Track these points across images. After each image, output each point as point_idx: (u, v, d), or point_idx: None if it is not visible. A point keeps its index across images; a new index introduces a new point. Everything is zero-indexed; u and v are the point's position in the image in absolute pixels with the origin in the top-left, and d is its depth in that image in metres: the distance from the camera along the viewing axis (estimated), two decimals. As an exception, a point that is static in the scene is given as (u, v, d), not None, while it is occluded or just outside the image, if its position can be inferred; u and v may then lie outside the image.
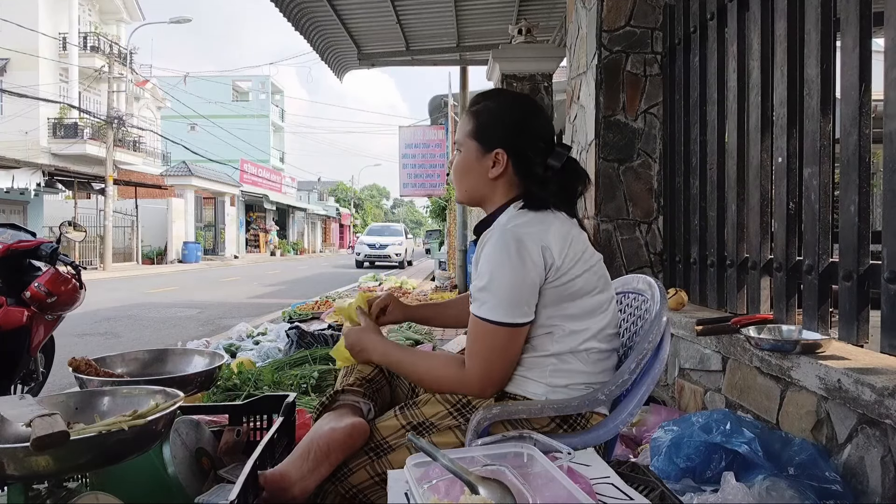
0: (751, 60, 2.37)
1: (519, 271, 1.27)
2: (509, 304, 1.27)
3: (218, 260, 25.11)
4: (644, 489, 1.11)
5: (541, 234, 1.30)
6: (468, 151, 1.44)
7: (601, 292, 1.37)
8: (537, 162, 1.41)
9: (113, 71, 20.00)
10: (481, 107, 1.45)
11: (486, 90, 1.52)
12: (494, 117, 1.43)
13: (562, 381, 1.34)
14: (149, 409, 1.29)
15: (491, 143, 1.41)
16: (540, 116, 1.45)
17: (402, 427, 1.35)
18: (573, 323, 1.33)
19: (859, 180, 1.76)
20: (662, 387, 2.71)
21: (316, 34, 7.32)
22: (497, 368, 1.32)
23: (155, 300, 10.04)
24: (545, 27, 7.18)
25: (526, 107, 1.46)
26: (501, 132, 1.41)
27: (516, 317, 1.28)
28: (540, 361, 1.34)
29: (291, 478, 1.29)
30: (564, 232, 1.34)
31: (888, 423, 1.40)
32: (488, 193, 1.44)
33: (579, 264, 1.32)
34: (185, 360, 2.01)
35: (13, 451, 1.10)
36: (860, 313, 1.78)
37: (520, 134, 1.41)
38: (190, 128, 36.59)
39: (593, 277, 1.35)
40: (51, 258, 3.08)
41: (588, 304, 1.34)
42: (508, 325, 1.28)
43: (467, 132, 1.45)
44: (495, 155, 1.40)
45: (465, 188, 1.47)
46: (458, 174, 1.47)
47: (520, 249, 1.28)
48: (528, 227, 1.32)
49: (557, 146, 1.43)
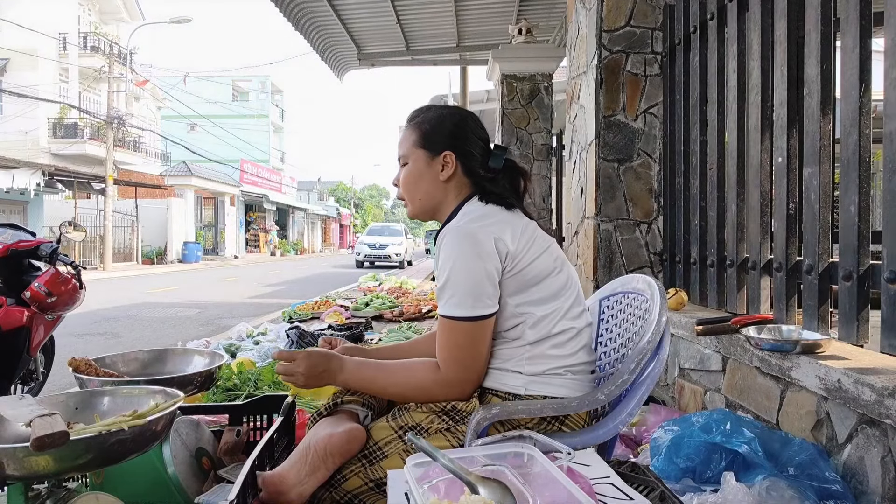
0: (751, 60, 2.37)
1: (475, 264, 1.31)
2: (471, 297, 1.30)
3: (218, 260, 25.11)
4: (644, 489, 1.11)
5: (491, 226, 1.35)
6: (416, 161, 1.49)
7: (560, 272, 1.41)
8: (480, 162, 1.49)
9: (113, 71, 19.99)
10: (422, 118, 1.53)
11: (422, 105, 1.61)
12: (436, 124, 1.50)
13: (539, 368, 1.36)
14: (149, 409, 1.29)
15: (438, 147, 1.47)
16: (477, 121, 1.55)
17: (394, 433, 1.35)
18: (541, 307, 1.36)
19: (859, 180, 1.76)
20: (662, 387, 2.71)
21: (316, 34, 7.33)
22: (471, 364, 1.35)
23: (155, 300, 10.04)
24: (545, 27, 7.18)
25: (462, 113, 1.56)
26: (446, 136, 1.49)
27: (479, 309, 1.31)
28: (515, 352, 1.37)
29: (289, 481, 1.29)
30: (513, 221, 1.39)
31: (888, 423, 1.40)
32: (442, 198, 1.49)
33: (534, 248, 1.37)
34: (185, 360, 2.01)
35: (13, 451, 1.10)
36: (860, 313, 1.78)
37: (462, 136, 1.49)
38: (190, 128, 36.56)
39: (550, 259, 1.39)
40: (51, 258, 3.08)
41: (551, 285, 1.38)
42: (473, 319, 1.31)
43: (412, 143, 1.51)
44: (444, 157, 1.47)
45: (418, 197, 1.51)
46: (408, 186, 1.51)
47: (473, 244, 1.32)
48: (477, 221, 1.37)
49: (495, 149, 1.51)
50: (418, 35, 7.51)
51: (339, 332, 4.22)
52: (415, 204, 1.52)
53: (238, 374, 3.02)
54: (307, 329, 4.28)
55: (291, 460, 1.34)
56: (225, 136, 33.13)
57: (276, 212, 34.61)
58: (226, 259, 26.01)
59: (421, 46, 7.93)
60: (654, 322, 1.38)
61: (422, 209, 1.53)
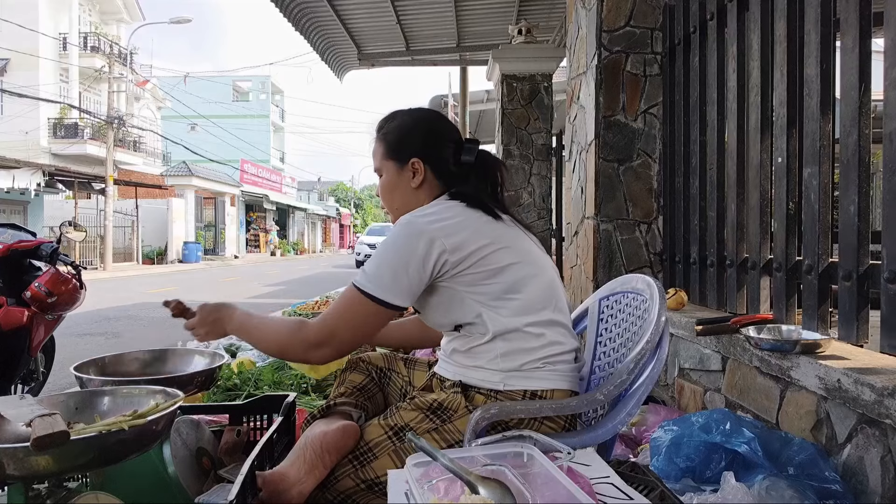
0: (751, 60, 2.37)
1: (402, 255, 1.32)
2: (386, 279, 1.31)
3: (218, 260, 25.11)
4: (644, 489, 1.11)
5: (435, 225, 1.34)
6: (388, 171, 1.52)
7: (518, 264, 1.39)
8: (451, 161, 1.50)
9: (113, 71, 20.00)
10: (386, 129, 1.55)
11: (387, 114, 1.62)
12: (401, 134, 1.52)
13: (514, 364, 1.35)
14: (149, 409, 1.29)
15: (404, 156, 1.50)
16: (442, 120, 1.57)
17: (384, 433, 1.36)
18: (503, 301, 1.36)
19: (859, 180, 1.76)
20: (662, 387, 2.71)
21: (316, 34, 7.33)
22: (341, 331, 1.34)
23: (155, 300, 10.04)
24: (545, 27, 7.18)
25: (427, 116, 1.57)
26: (411, 144, 1.50)
27: (384, 294, 1.31)
28: (486, 348, 1.37)
29: (290, 480, 1.30)
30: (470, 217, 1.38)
31: (888, 422, 1.40)
32: (417, 204, 1.50)
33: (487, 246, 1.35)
34: (186, 360, 2.01)
35: (13, 451, 1.10)
36: (860, 313, 1.78)
37: (428, 140, 1.51)
38: (190, 128, 36.57)
39: (506, 253, 1.37)
40: (51, 258, 3.08)
41: (508, 278, 1.36)
42: (372, 299, 1.31)
43: (381, 155, 1.54)
44: (412, 165, 1.49)
45: (395, 206, 1.54)
46: (385, 195, 1.56)
47: (410, 235, 1.33)
48: (425, 217, 1.36)
49: (467, 143, 1.52)
50: (418, 35, 7.51)
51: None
52: (394, 213, 1.55)
53: (238, 374, 3.03)
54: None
55: (290, 459, 1.35)
56: (225, 136, 33.15)
57: (276, 212, 34.61)
58: (226, 259, 26.01)
59: (421, 46, 7.93)
60: (653, 322, 1.38)
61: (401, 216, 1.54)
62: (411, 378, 1.66)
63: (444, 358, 1.50)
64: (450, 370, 1.45)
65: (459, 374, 1.41)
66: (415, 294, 1.35)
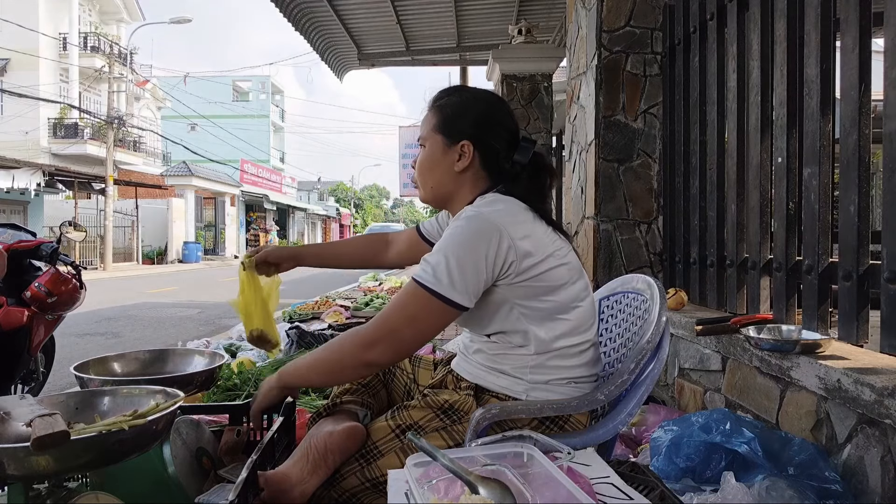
0: (750, 60, 2.37)
1: (472, 251, 1.22)
2: (455, 276, 1.21)
3: (218, 260, 25.11)
4: (644, 489, 1.11)
5: (506, 224, 1.26)
6: (433, 146, 1.42)
7: (575, 283, 1.34)
8: (504, 156, 1.39)
9: (113, 71, 20.00)
10: (445, 101, 1.43)
11: (450, 87, 1.50)
12: (459, 110, 1.41)
13: (542, 378, 1.32)
14: (149, 409, 1.29)
15: (456, 135, 1.39)
16: (504, 110, 1.45)
17: (391, 431, 1.34)
18: (550, 318, 1.30)
19: (859, 180, 1.76)
20: (662, 387, 2.71)
21: (316, 34, 7.33)
22: (401, 328, 1.25)
23: (155, 300, 10.04)
24: (545, 27, 7.18)
25: (490, 100, 1.45)
26: (467, 124, 1.39)
27: (451, 293, 1.21)
28: (519, 359, 1.32)
29: (292, 480, 1.29)
30: (531, 225, 1.30)
31: (888, 422, 1.40)
32: (455, 189, 1.41)
33: (550, 259, 1.29)
34: (186, 360, 2.01)
35: (13, 450, 1.09)
36: (860, 313, 1.78)
37: (485, 126, 1.40)
38: (190, 128, 36.56)
39: (566, 269, 1.32)
40: (51, 258, 3.08)
41: (565, 296, 1.31)
42: (438, 297, 1.21)
43: (432, 126, 1.42)
44: (461, 147, 1.38)
45: (430, 185, 1.44)
46: (422, 170, 1.44)
47: (479, 232, 1.24)
48: (496, 214, 1.28)
49: (523, 141, 1.42)
50: (418, 35, 7.51)
51: (340, 332, 4.21)
52: (426, 191, 1.45)
53: (238, 374, 3.03)
54: (307, 329, 4.28)
55: (293, 459, 1.34)
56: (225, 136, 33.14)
57: (276, 212, 34.61)
58: (226, 259, 26.00)
59: (421, 46, 7.93)
60: (653, 322, 1.38)
61: (433, 197, 1.46)
62: (416, 376, 1.65)
63: (466, 355, 1.44)
64: (469, 371, 1.40)
65: (479, 378, 1.37)
66: (479, 294, 1.25)
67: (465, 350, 1.45)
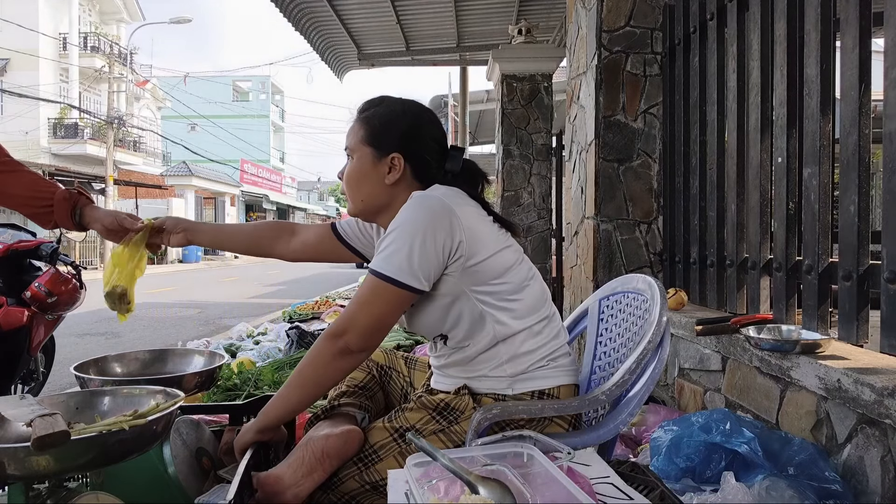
0: (751, 61, 2.37)
1: (422, 235, 1.24)
2: (405, 263, 1.23)
3: (218, 260, 25.11)
4: (644, 489, 1.11)
5: (454, 206, 1.28)
6: (362, 158, 1.40)
7: (520, 264, 1.36)
8: (435, 167, 1.40)
9: (113, 71, 20.02)
10: (371, 112, 1.42)
11: (374, 97, 1.48)
12: (386, 122, 1.40)
13: (520, 367, 1.33)
14: (149, 409, 1.29)
15: (386, 147, 1.38)
16: (432, 120, 1.45)
17: (389, 435, 1.34)
18: (504, 300, 1.32)
19: (859, 180, 1.76)
20: (662, 387, 2.71)
21: (316, 34, 7.33)
22: (360, 316, 1.28)
23: (155, 300, 10.04)
24: (545, 27, 7.18)
25: (417, 111, 1.44)
26: (395, 136, 1.38)
27: (405, 277, 1.24)
28: (488, 356, 1.33)
29: (285, 482, 1.29)
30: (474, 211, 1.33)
31: (888, 422, 1.40)
32: (386, 202, 1.41)
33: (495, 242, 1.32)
34: (186, 360, 2.01)
35: (14, 450, 1.10)
36: (860, 313, 1.78)
37: (414, 138, 1.40)
38: (190, 128, 36.59)
39: (511, 253, 1.34)
40: (51, 258, 3.08)
41: (512, 278, 1.33)
42: (392, 282, 1.24)
43: (360, 138, 1.41)
44: (391, 160, 1.38)
45: (360, 197, 1.43)
46: (351, 183, 1.43)
47: (429, 213, 1.26)
48: (447, 198, 1.29)
49: (452, 150, 1.43)
50: (418, 35, 7.51)
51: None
52: (356, 204, 1.44)
53: (238, 374, 3.03)
54: (307, 329, 4.28)
55: (288, 462, 1.33)
56: (225, 136, 33.17)
57: (276, 212, 34.63)
58: (226, 259, 26.01)
59: (421, 46, 7.93)
60: (654, 322, 1.38)
61: (363, 210, 1.45)
62: (412, 378, 1.65)
63: (439, 372, 1.44)
64: (448, 383, 1.40)
65: (462, 382, 1.38)
66: (433, 278, 1.27)
67: (438, 369, 1.45)
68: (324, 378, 1.34)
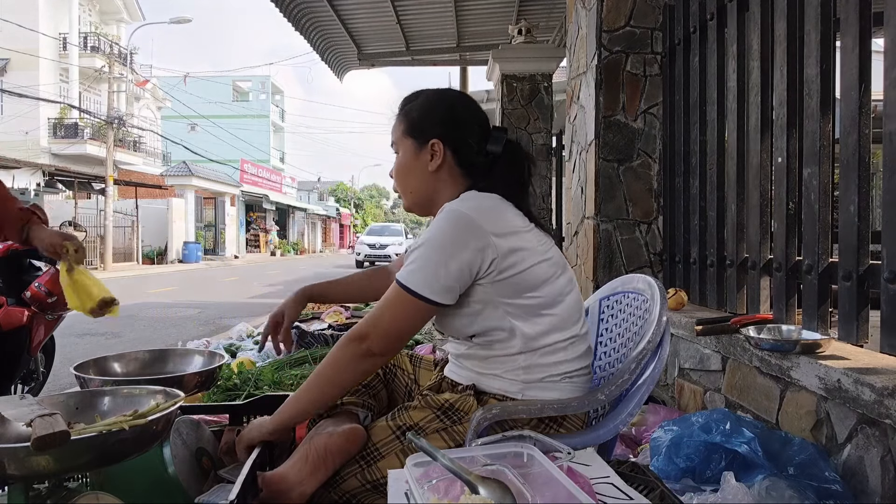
0: (750, 61, 2.37)
1: (450, 249, 1.24)
2: (430, 277, 1.24)
3: (218, 260, 25.11)
4: (644, 489, 1.11)
5: (488, 220, 1.27)
6: (405, 150, 1.43)
7: (558, 278, 1.34)
8: (476, 149, 1.40)
9: (113, 71, 19.99)
10: (410, 106, 1.45)
11: (412, 92, 1.51)
12: (424, 111, 1.43)
13: (535, 377, 1.33)
14: (149, 409, 1.29)
15: (425, 135, 1.40)
16: (469, 103, 1.46)
17: (392, 433, 1.34)
18: (534, 314, 1.31)
19: (859, 180, 1.76)
20: (662, 387, 2.71)
21: (316, 34, 7.33)
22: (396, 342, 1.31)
23: (155, 300, 10.04)
24: (545, 27, 7.18)
25: (453, 96, 1.47)
26: (433, 123, 1.40)
27: (428, 292, 1.24)
28: (508, 359, 1.33)
29: (290, 481, 1.29)
30: (512, 220, 1.31)
31: (888, 422, 1.40)
32: (433, 191, 1.42)
33: (532, 255, 1.30)
34: (186, 360, 2.01)
35: (14, 450, 1.10)
36: (860, 313, 1.78)
37: (452, 122, 1.41)
38: (190, 128, 36.59)
39: (549, 263, 1.32)
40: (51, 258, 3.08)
41: (547, 292, 1.31)
42: (416, 296, 1.25)
43: (401, 132, 1.44)
44: (431, 146, 1.39)
45: (409, 190, 1.45)
46: (399, 177, 1.45)
47: (459, 227, 1.25)
48: (476, 210, 1.28)
49: (494, 130, 1.43)
50: (418, 35, 7.51)
51: (339, 332, 4.21)
52: (407, 197, 1.46)
53: (238, 374, 3.03)
54: (307, 329, 4.28)
55: (292, 460, 1.34)
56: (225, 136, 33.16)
57: (276, 212, 34.62)
58: (226, 259, 26.01)
59: (421, 46, 7.93)
60: (654, 322, 1.38)
61: (415, 202, 1.47)
62: (416, 376, 1.65)
63: (455, 361, 1.45)
64: (462, 374, 1.41)
65: (473, 379, 1.38)
66: (458, 292, 1.27)
67: (455, 357, 1.45)
68: (344, 379, 1.34)
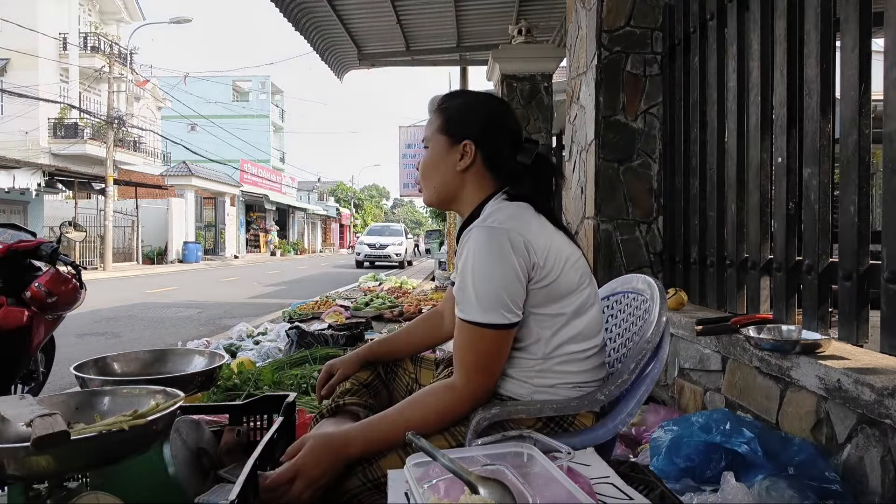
0: (750, 61, 2.37)
1: (501, 269, 1.23)
2: (498, 303, 1.22)
3: (218, 260, 25.11)
4: (644, 489, 1.11)
5: (523, 230, 1.26)
6: (436, 146, 1.44)
7: (585, 288, 1.34)
8: (507, 157, 1.41)
9: (113, 71, 19.99)
10: (448, 104, 1.46)
11: (453, 91, 1.55)
12: (462, 111, 1.44)
13: (548, 382, 1.32)
14: (149, 409, 1.29)
15: (459, 135, 1.41)
16: (507, 111, 1.47)
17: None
18: (558, 323, 1.30)
19: (859, 180, 1.76)
20: (662, 387, 2.71)
21: (316, 34, 7.33)
22: (495, 372, 1.28)
23: (155, 300, 10.04)
24: (545, 27, 7.18)
25: (493, 102, 1.47)
26: (470, 125, 1.41)
27: (500, 318, 1.23)
28: (524, 363, 1.32)
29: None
30: (544, 229, 1.31)
31: (888, 423, 1.40)
32: (457, 190, 1.42)
33: (560, 262, 1.29)
34: (186, 360, 2.00)
35: (13, 450, 1.09)
36: (860, 313, 1.78)
37: (488, 126, 1.41)
38: (190, 128, 36.59)
39: (576, 274, 1.32)
40: (51, 258, 3.08)
41: (575, 301, 1.31)
42: (493, 327, 1.23)
43: (436, 128, 1.44)
44: (463, 146, 1.40)
45: (433, 185, 1.45)
46: (425, 171, 1.46)
47: (502, 245, 1.24)
48: (509, 221, 1.28)
49: (526, 142, 1.43)
50: (418, 35, 7.51)
51: (340, 332, 4.22)
52: (430, 191, 1.46)
53: (238, 374, 3.03)
54: (307, 329, 4.28)
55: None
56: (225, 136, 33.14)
57: (276, 212, 34.62)
58: (226, 259, 26.01)
59: (421, 46, 7.93)
60: (654, 322, 1.38)
61: (436, 197, 1.47)
62: (418, 376, 1.65)
63: None
64: None
65: None
66: (521, 304, 1.25)
67: None
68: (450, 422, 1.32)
